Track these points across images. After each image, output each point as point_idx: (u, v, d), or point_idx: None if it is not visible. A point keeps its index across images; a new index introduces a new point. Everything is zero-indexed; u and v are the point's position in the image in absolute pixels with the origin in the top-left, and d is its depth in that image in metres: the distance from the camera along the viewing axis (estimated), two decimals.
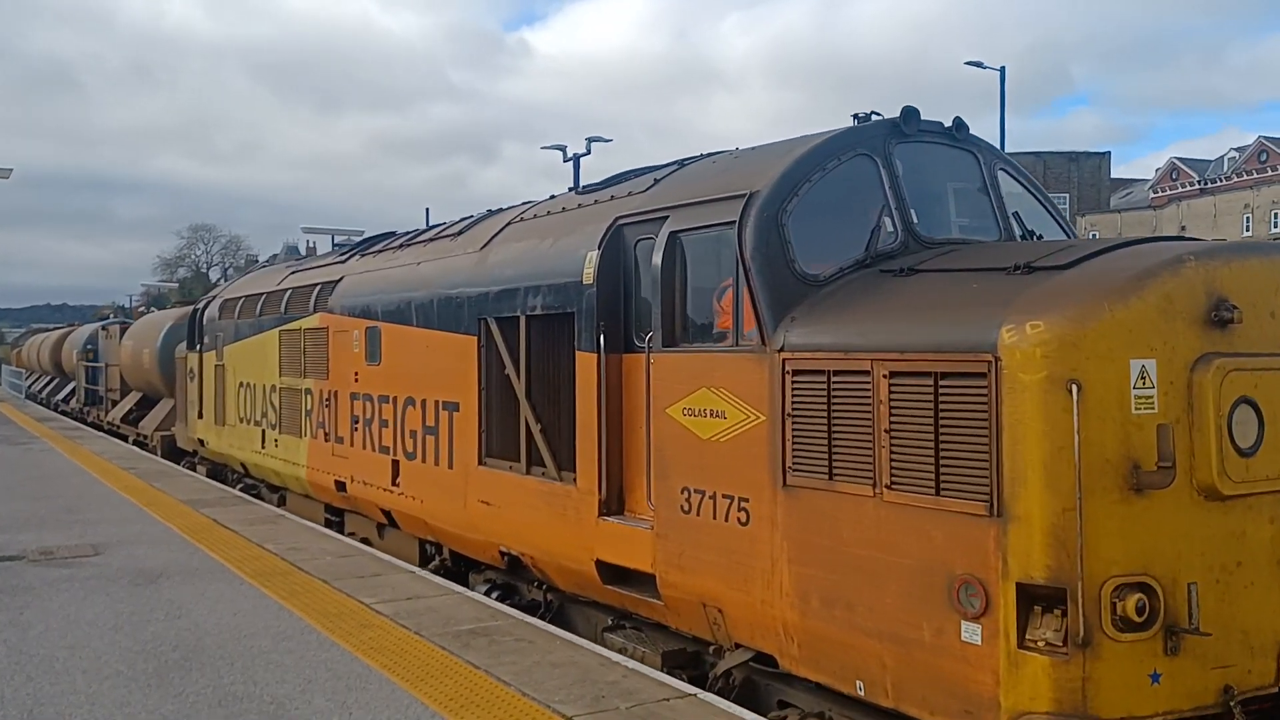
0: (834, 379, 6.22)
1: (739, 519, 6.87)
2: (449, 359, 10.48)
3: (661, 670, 7.40)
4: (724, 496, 6.99)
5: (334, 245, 25.80)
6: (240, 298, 17.51)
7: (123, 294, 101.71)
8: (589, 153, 37.62)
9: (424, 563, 11.71)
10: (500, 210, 11.62)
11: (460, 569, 11.19)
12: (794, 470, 6.45)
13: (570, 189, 10.18)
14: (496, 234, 10.36)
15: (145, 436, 25.07)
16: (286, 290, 15.43)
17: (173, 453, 22.19)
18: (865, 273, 6.86)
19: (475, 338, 9.99)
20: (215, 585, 9.81)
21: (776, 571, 6.58)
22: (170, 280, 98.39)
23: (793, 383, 6.48)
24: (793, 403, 6.48)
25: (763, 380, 6.69)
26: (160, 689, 6.83)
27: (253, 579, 10.05)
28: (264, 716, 6.34)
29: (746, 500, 6.81)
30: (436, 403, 10.72)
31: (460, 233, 11.37)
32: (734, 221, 7.03)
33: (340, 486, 13.14)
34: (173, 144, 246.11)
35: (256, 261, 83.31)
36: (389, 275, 12.21)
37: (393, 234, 14.73)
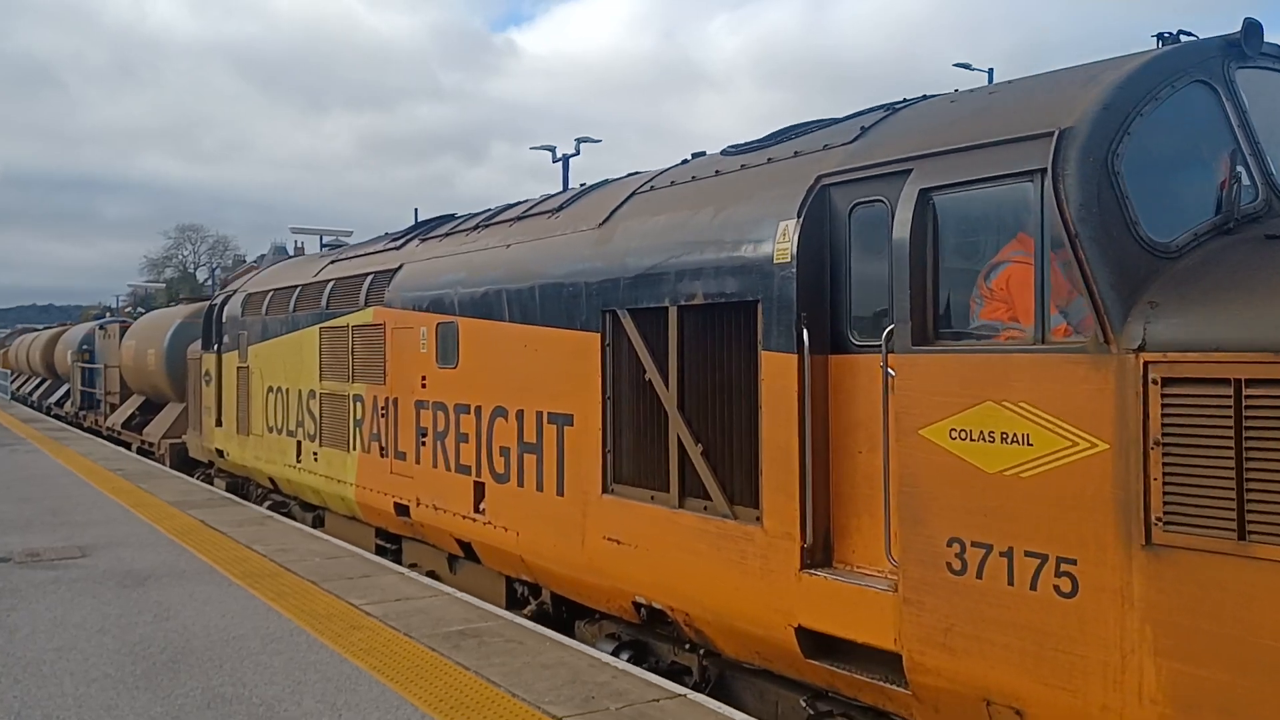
0: (1249, 392, 4.25)
1: (1057, 587, 4.89)
2: (558, 361, 8.48)
3: None
4: (1029, 555, 5.00)
5: (323, 245, 23.82)
6: (268, 291, 15.43)
7: (109, 294, 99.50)
8: (578, 153, 35.88)
9: (512, 605, 9.71)
10: (606, 182, 9.61)
11: (563, 615, 9.20)
12: (1168, 524, 4.48)
13: (704, 153, 8.08)
14: (619, 206, 8.34)
15: (151, 444, 22.92)
16: (328, 281, 13.35)
17: (184, 463, 20.16)
18: (1235, 240, 4.91)
19: (598, 334, 7.99)
20: (203, 587, 9.54)
21: (1130, 666, 4.61)
22: (157, 280, 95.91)
23: (1164, 396, 4.51)
24: (1164, 425, 4.50)
25: (1103, 392, 4.72)
26: (148, 691, 6.68)
27: (241, 580, 9.78)
28: (253, 718, 6.16)
29: (1071, 562, 4.83)
30: (539, 414, 8.72)
31: (560, 208, 9.36)
32: (1039, 170, 5.06)
33: (401, 510, 11.12)
34: (158, 143, 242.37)
35: (245, 262, 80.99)
36: (467, 261, 10.18)
37: (452, 216, 12.71)
